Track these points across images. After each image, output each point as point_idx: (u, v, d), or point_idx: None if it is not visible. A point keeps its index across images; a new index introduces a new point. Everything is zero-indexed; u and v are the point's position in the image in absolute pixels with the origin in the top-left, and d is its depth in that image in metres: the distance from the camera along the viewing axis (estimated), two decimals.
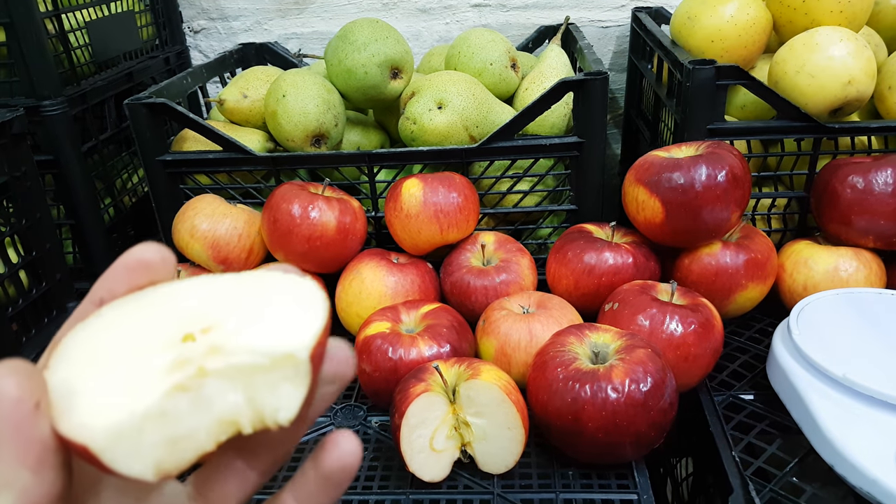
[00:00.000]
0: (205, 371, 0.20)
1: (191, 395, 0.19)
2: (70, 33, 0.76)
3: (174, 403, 0.19)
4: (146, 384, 0.19)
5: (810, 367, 0.51)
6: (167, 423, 0.19)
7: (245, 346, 0.20)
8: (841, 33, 0.63)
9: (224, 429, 0.20)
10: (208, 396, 0.20)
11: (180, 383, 0.19)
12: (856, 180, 0.61)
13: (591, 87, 0.65)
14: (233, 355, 0.20)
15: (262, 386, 0.20)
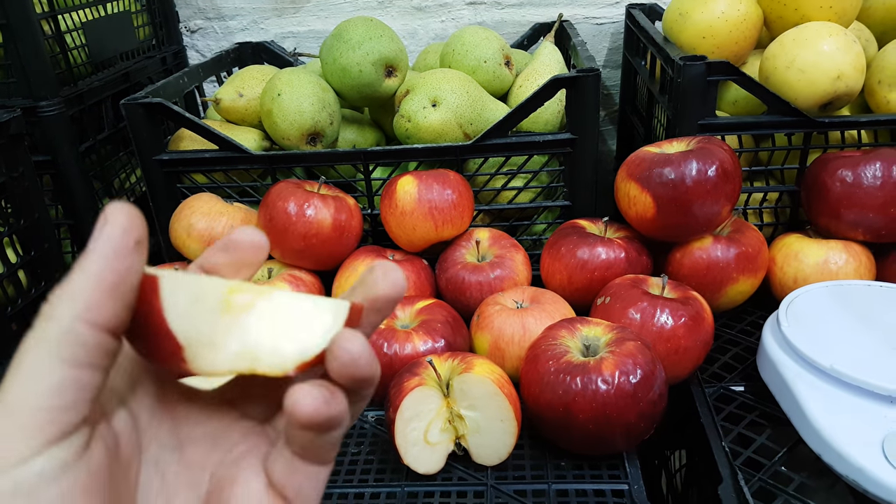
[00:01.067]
0: (254, 305, 0.22)
1: (237, 318, 0.22)
2: (66, 34, 0.76)
3: (219, 317, 0.22)
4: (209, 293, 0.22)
5: (799, 359, 0.51)
6: (213, 326, 0.22)
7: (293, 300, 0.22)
8: (830, 28, 0.64)
9: (244, 363, 0.22)
10: (246, 326, 0.22)
11: (232, 303, 0.22)
12: (845, 174, 0.61)
13: (583, 84, 0.66)
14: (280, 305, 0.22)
15: (294, 327, 0.22)
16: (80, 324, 0.19)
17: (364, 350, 0.21)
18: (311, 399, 0.21)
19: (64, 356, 0.19)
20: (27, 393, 0.18)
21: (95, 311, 0.19)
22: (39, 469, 0.18)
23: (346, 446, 0.54)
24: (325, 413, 0.21)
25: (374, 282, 0.23)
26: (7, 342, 0.64)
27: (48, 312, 0.19)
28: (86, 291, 0.19)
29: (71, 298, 0.19)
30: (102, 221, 0.20)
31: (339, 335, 0.21)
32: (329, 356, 0.21)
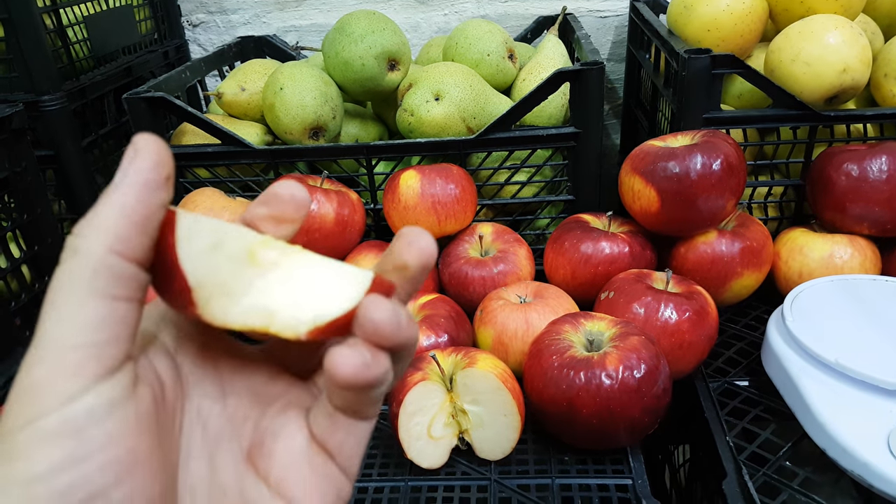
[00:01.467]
0: (279, 263, 0.22)
1: (258, 271, 0.22)
2: (68, 28, 0.76)
3: (241, 268, 0.21)
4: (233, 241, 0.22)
5: (803, 353, 0.51)
6: (231, 275, 0.21)
7: (320, 263, 0.22)
8: (836, 21, 0.64)
9: (258, 318, 0.21)
10: (268, 281, 0.21)
11: (258, 255, 0.22)
12: (851, 168, 0.61)
13: (587, 77, 0.65)
14: (306, 267, 0.22)
15: (315, 297, 0.21)
16: (112, 256, 0.19)
17: (388, 318, 0.20)
18: (351, 361, 0.20)
19: (99, 289, 0.19)
20: (66, 330, 0.18)
21: (126, 243, 0.19)
22: (88, 406, 0.18)
23: None
24: (364, 376, 0.20)
25: (400, 251, 0.23)
26: (11, 337, 0.64)
27: (76, 245, 0.19)
28: (116, 224, 0.19)
29: (100, 230, 0.19)
30: (132, 153, 0.20)
31: (364, 302, 0.21)
32: (355, 324, 0.21)
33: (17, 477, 0.17)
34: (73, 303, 0.18)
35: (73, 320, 0.18)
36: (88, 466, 0.18)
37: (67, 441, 0.18)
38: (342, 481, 0.23)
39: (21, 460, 0.17)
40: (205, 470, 0.23)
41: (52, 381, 0.18)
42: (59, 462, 0.17)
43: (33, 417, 0.18)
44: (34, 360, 0.18)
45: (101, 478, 0.18)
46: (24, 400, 0.18)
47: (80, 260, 0.19)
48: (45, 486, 0.17)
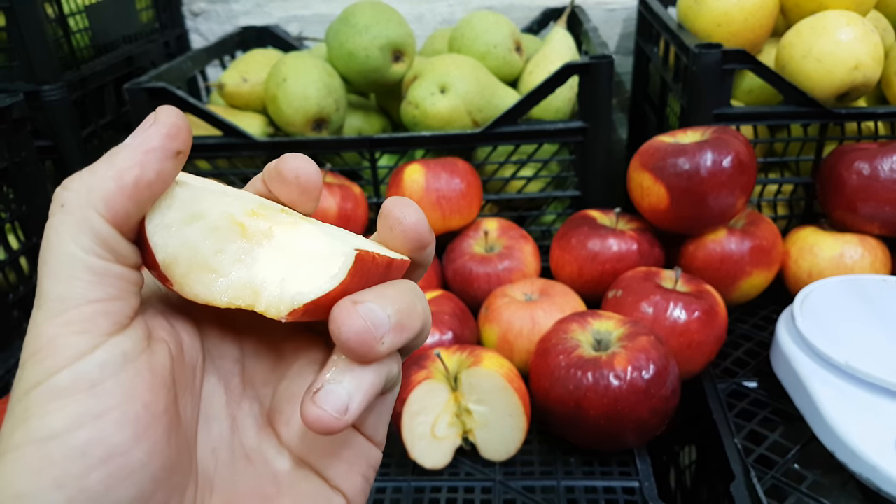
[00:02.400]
0: (270, 235, 0.21)
1: (245, 245, 0.20)
2: (69, 17, 0.75)
3: (230, 237, 0.20)
4: (222, 206, 0.21)
5: (813, 354, 0.50)
6: (212, 249, 0.20)
7: (313, 235, 0.21)
8: (848, 17, 0.63)
9: (243, 294, 0.20)
10: (255, 257, 0.20)
11: (247, 227, 0.21)
12: (861, 166, 0.60)
13: (596, 71, 0.64)
14: (298, 238, 0.21)
15: (300, 270, 0.20)
16: (95, 216, 0.18)
17: (357, 335, 0.19)
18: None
19: (87, 247, 0.18)
20: (67, 287, 0.18)
21: (111, 208, 0.18)
22: (100, 361, 0.18)
23: None
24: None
25: (389, 230, 0.22)
26: (9, 329, 0.63)
27: (63, 198, 0.18)
28: (106, 184, 0.18)
29: (90, 188, 0.18)
30: (150, 120, 0.19)
31: (333, 316, 0.20)
32: (331, 330, 0.20)
33: (33, 436, 0.17)
34: (65, 260, 0.18)
35: (72, 278, 0.18)
36: (105, 423, 0.17)
37: (82, 396, 0.17)
38: (371, 450, 0.23)
39: (35, 418, 0.17)
40: (227, 433, 0.22)
41: (61, 338, 0.17)
42: (76, 418, 0.17)
43: (45, 376, 0.17)
44: (41, 319, 0.18)
45: (119, 435, 0.17)
46: (35, 360, 0.17)
47: (65, 216, 0.18)
48: (63, 443, 0.17)
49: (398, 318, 0.20)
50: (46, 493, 0.17)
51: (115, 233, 0.19)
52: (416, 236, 0.22)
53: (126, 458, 0.17)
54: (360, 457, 0.22)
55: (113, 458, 0.17)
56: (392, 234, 0.22)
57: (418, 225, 0.22)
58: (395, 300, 0.20)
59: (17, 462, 0.17)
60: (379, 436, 0.23)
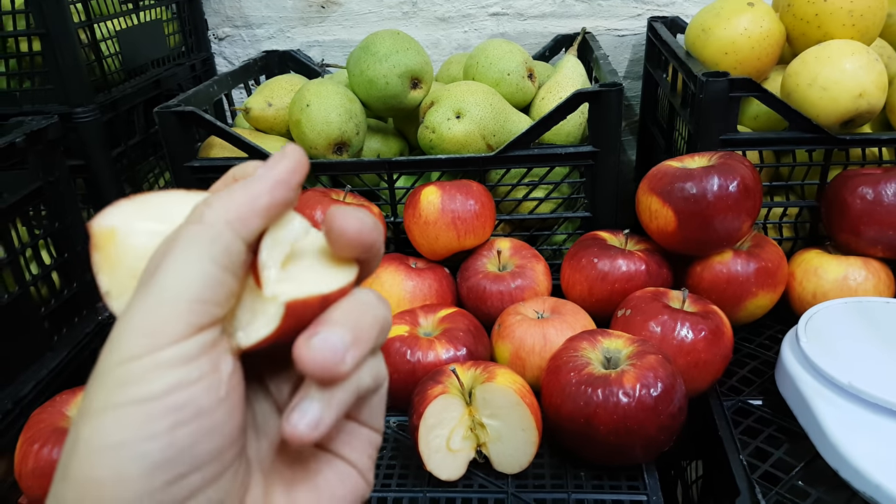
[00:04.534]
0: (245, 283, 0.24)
1: None
2: (101, 42, 0.78)
3: None
4: None
5: (817, 375, 0.52)
6: None
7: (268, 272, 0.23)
8: (853, 47, 0.65)
9: None
10: None
11: None
12: (865, 191, 0.62)
13: (606, 99, 0.67)
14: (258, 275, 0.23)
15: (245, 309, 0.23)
16: (230, 231, 0.22)
17: (312, 357, 0.22)
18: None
19: (213, 256, 0.21)
20: (184, 284, 0.21)
21: (244, 224, 0.22)
22: (199, 342, 0.21)
23: None
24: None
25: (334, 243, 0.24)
26: (41, 341, 0.66)
27: (203, 213, 0.22)
28: (242, 205, 0.22)
29: (228, 207, 0.22)
30: (280, 156, 0.24)
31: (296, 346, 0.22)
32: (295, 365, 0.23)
33: (132, 397, 0.20)
34: (191, 262, 0.21)
35: (190, 277, 0.21)
36: (197, 388, 0.21)
37: (181, 368, 0.20)
38: (371, 434, 0.27)
39: (137, 384, 0.20)
40: (252, 419, 0.26)
41: (168, 323, 0.20)
42: (174, 384, 0.20)
43: (148, 351, 0.20)
44: (152, 303, 0.21)
45: (206, 398, 0.21)
46: (138, 336, 0.20)
47: (203, 226, 0.22)
48: (160, 403, 0.20)
49: (352, 335, 0.23)
50: (142, 443, 0.20)
51: (242, 245, 0.22)
52: (360, 244, 0.24)
53: (210, 418, 0.21)
54: (362, 440, 0.26)
55: (200, 417, 0.21)
56: (338, 246, 0.24)
57: (360, 235, 0.24)
58: (345, 321, 0.23)
59: (118, 417, 0.20)
60: (377, 423, 0.27)
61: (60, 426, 0.50)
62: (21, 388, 0.60)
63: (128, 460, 0.19)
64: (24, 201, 0.64)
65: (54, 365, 0.64)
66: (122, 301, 0.23)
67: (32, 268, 0.65)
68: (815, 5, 0.69)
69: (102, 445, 0.20)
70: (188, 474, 0.20)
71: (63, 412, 0.51)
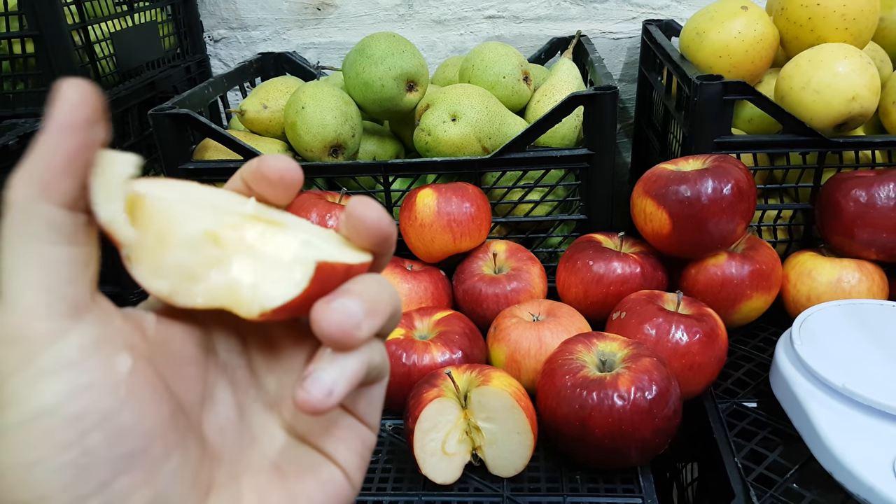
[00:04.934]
0: (242, 242, 0.23)
1: (220, 252, 0.23)
2: (96, 44, 0.78)
3: (206, 247, 0.22)
4: (196, 220, 0.22)
5: (811, 377, 0.52)
6: (188, 256, 0.22)
7: (282, 242, 0.23)
8: (845, 50, 0.65)
9: (221, 296, 0.22)
10: (230, 262, 0.23)
11: (220, 237, 0.23)
12: (859, 194, 0.62)
13: (601, 102, 0.67)
14: (268, 244, 0.23)
15: (268, 275, 0.23)
16: (40, 203, 0.19)
17: (330, 320, 0.22)
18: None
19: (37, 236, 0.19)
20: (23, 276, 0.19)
21: (50, 189, 0.19)
22: (77, 344, 0.19)
23: None
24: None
25: (353, 230, 0.24)
26: None
27: (10, 198, 0.19)
28: (38, 171, 0.19)
29: (26, 180, 0.19)
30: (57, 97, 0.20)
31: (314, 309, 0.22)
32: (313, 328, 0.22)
33: (29, 414, 0.19)
34: (20, 254, 0.19)
35: (26, 269, 0.19)
36: (93, 393, 0.19)
37: (67, 373, 0.19)
38: (365, 431, 0.26)
39: (24, 401, 0.19)
40: (234, 415, 0.25)
41: (29, 325, 0.19)
42: (66, 391, 0.19)
43: (24, 361, 0.19)
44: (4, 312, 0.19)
45: (107, 400, 0.19)
46: (9, 348, 0.19)
47: (13, 211, 0.19)
48: (58, 415, 0.19)
49: (369, 306, 0.23)
50: (55, 458, 0.19)
51: (63, 211, 0.20)
52: (378, 234, 0.24)
53: (118, 419, 0.20)
54: (356, 437, 0.26)
55: (106, 421, 0.19)
56: (356, 231, 0.24)
57: (379, 223, 0.24)
58: (363, 293, 0.23)
59: (21, 438, 0.19)
60: (373, 420, 0.26)
61: None
62: None
63: (45, 478, 0.19)
64: None
65: None
66: (143, 266, 0.22)
67: None
68: (808, 9, 0.69)
69: (16, 468, 0.19)
70: (112, 480, 0.19)
71: None
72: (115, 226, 0.21)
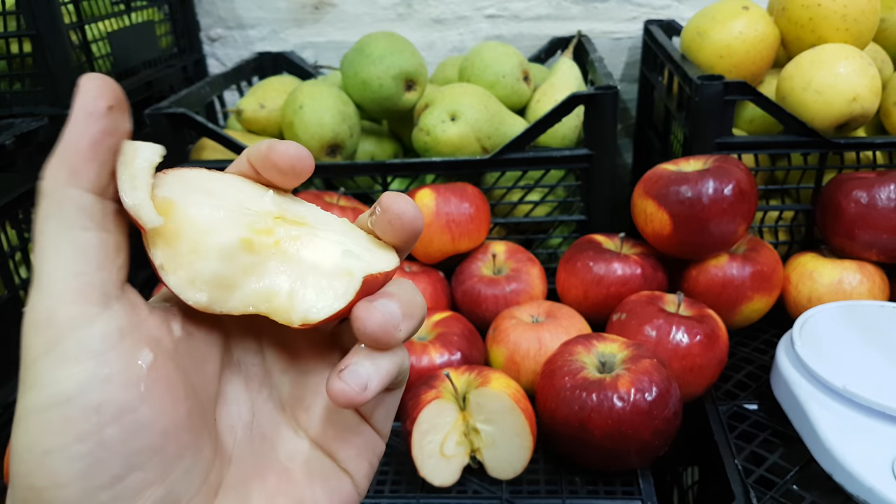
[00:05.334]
0: (277, 248, 0.23)
1: (255, 258, 0.23)
2: (93, 43, 0.78)
3: (240, 255, 0.23)
4: (230, 227, 0.23)
5: (812, 378, 0.52)
6: (225, 266, 0.22)
7: (318, 248, 0.23)
8: (847, 51, 0.65)
9: (259, 304, 0.23)
10: (266, 269, 0.23)
11: (255, 242, 0.23)
12: (860, 195, 0.62)
13: (601, 101, 0.66)
14: (304, 249, 0.23)
15: (309, 284, 0.23)
16: (71, 189, 0.20)
17: (373, 319, 0.22)
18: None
19: (69, 222, 0.20)
20: (56, 263, 0.20)
21: (79, 176, 0.20)
22: (101, 333, 0.20)
23: None
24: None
25: (388, 224, 0.25)
26: None
27: (42, 187, 0.20)
28: (66, 158, 0.20)
29: (56, 168, 0.20)
30: (80, 87, 0.21)
31: (356, 314, 0.22)
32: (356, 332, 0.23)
33: (50, 400, 0.19)
34: (52, 238, 0.20)
35: (58, 253, 0.20)
36: (113, 385, 0.20)
37: (89, 362, 0.19)
38: (377, 440, 0.26)
39: (48, 386, 0.19)
40: (246, 414, 0.25)
41: (58, 310, 0.19)
42: (86, 380, 0.19)
43: (50, 346, 0.19)
44: (37, 294, 0.20)
45: (125, 394, 0.20)
46: (37, 332, 0.19)
47: (46, 199, 0.20)
48: (77, 404, 0.19)
49: (406, 309, 0.23)
50: (70, 447, 0.19)
51: (92, 196, 0.20)
52: (413, 230, 0.25)
53: (135, 415, 0.20)
54: (367, 445, 0.26)
55: (124, 415, 0.20)
56: (391, 227, 0.24)
57: (416, 220, 0.24)
58: (401, 296, 0.23)
59: (40, 424, 0.19)
60: (385, 429, 0.27)
61: None
62: (10, 394, 0.60)
63: (60, 466, 0.19)
64: (14, 204, 0.63)
65: None
66: (178, 276, 0.22)
67: (22, 271, 0.65)
68: (809, 9, 0.68)
69: (33, 453, 0.19)
70: (125, 476, 0.20)
71: None
72: (141, 211, 0.21)
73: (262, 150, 0.24)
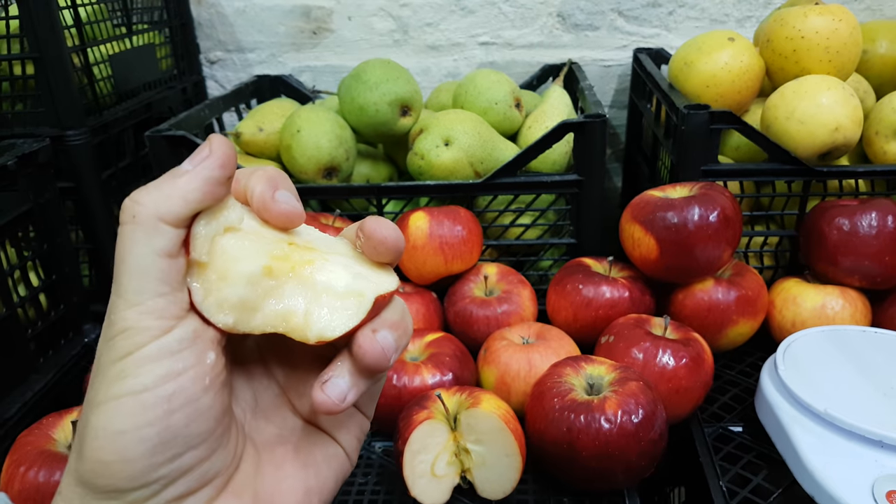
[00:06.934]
0: (293, 272, 0.26)
1: (274, 282, 0.26)
2: (94, 66, 0.79)
3: (263, 280, 0.25)
4: (254, 255, 0.25)
5: (794, 402, 0.53)
6: (249, 290, 0.25)
7: (329, 271, 0.26)
8: (829, 82, 0.67)
9: (277, 323, 0.26)
10: (284, 291, 0.26)
11: (274, 268, 0.26)
12: (842, 222, 0.64)
13: (590, 129, 0.68)
14: (318, 273, 0.26)
15: (324, 305, 0.25)
16: (163, 225, 0.23)
17: (377, 357, 0.25)
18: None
19: (157, 248, 0.23)
20: (143, 285, 0.23)
21: (175, 218, 0.23)
22: (178, 336, 0.24)
23: (353, 476, 0.56)
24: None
25: (373, 249, 0.27)
26: (26, 363, 0.66)
27: (135, 211, 0.23)
28: (173, 202, 0.23)
29: (157, 202, 0.23)
30: (206, 150, 0.24)
31: (359, 341, 0.25)
32: (353, 350, 0.26)
33: (129, 389, 0.23)
34: (140, 261, 0.23)
35: (145, 276, 0.23)
36: (184, 378, 0.24)
37: (166, 361, 0.23)
38: (363, 419, 0.31)
39: (130, 377, 0.23)
40: (251, 400, 0.29)
41: (143, 321, 0.23)
42: (162, 375, 0.23)
43: (134, 348, 0.23)
44: (121, 307, 0.23)
45: (193, 386, 0.24)
46: (124, 336, 0.23)
47: (139, 226, 0.23)
48: (153, 393, 0.23)
49: (399, 334, 0.27)
50: (142, 430, 0.23)
51: (178, 240, 0.24)
52: (396, 251, 0.27)
53: (198, 404, 0.24)
54: (355, 424, 0.30)
55: (190, 403, 0.24)
56: (377, 252, 0.27)
57: (398, 242, 0.27)
58: (398, 325, 0.27)
59: (117, 408, 0.23)
60: (370, 411, 0.31)
61: (47, 449, 0.50)
62: (6, 410, 0.60)
63: (130, 445, 0.23)
64: (14, 223, 0.64)
65: (40, 387, 0.64)
66: (208, 303, 0.25)
67: (20, 289, 0.65)
68: (793, 41, 0.71)
69: (108, 432, 0.23)
70: (183, 453, 0.24)
71: (50, 435, 0.51)
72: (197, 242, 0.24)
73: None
